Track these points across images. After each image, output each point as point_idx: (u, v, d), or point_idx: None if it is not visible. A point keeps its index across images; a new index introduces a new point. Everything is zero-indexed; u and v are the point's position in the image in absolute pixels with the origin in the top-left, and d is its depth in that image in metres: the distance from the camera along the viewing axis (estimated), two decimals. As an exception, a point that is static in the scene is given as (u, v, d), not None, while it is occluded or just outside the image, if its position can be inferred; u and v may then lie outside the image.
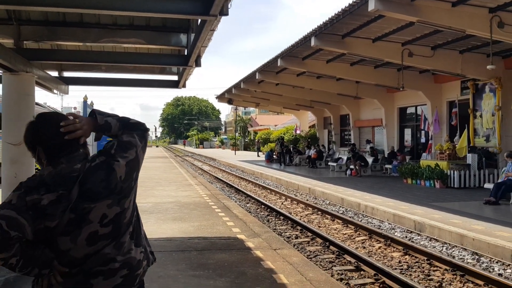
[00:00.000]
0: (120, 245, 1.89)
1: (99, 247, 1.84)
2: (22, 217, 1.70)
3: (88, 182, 1.80)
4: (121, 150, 1.89)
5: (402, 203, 11.21)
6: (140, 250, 1.98)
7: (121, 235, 1.90)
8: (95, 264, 1.83)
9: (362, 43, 14.74)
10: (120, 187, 1.86)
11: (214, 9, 3.88)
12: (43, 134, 1.88)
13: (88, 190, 1.79)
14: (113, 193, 1.84)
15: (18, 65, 6.01)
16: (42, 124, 1.90)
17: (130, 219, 1.95)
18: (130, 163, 1.89)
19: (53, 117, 1.94)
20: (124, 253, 1.90)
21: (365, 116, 25.45)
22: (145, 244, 2.05)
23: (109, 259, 1.85)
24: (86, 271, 1.82)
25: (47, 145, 1.87)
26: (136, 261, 1.94)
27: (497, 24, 11.02)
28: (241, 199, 14.63)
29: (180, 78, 8.43)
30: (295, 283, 5.00)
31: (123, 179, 1.86)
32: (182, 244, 6.87)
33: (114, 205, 1.84)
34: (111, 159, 1.86)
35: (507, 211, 10.15)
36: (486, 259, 7.01)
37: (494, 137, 15.08)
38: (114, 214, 1.85)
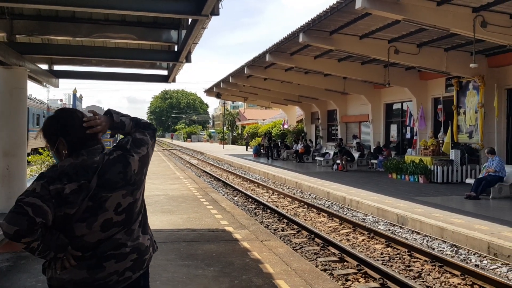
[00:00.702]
0: (131, 232, 2.08)
1: (112, 233, 2.02)
2: (46, 204, 1.87)
3: (107, 173, 1.98)
4: (135, 146, 2.10)
5: (386, 197, 11.49)
6: (147, 237, 2.16)
7: (132, 222, 2.09)
8: (107, 248, 2.01)
9: (349, 40, 14.97)
10: (134, 179, 2.05)
11: (205, 9, 4.04)
12: (70, 126, 2.03)
13: (107, 180, 1.97)
14: (128, 184, 2.03)
15: (11, 59, 6.10)
16: (68, 117, 2.05)
17: (140, 208, 2.14)
18: (142, 158, 2.10)
19: (75, 112, 2.12)
20: (133, 239, 2.08)
21: (352, 112, 25.75)
22: (150, 233, 2.24)
23: (120, 244, 2.04)
24: (99, 255, 1.99)
25: (71, 137, 2.02)
26: (144, 247, 2.13)
27: (480, 24, 11.31)
28: (229, 192, 14.82)
29: (170, 73, 8.56)
30: (280, 272, 5.21)
31: (136, 172, 2.06)
32: (171, 235, 7.04)
33: (128, 195, 2.03)
34: (127, 153, 2.05)
35: (487, 205, 10.49)
36: (464, 251, 7.30)
37: (476, 133, 15.44)
38: (128, 204, 2.04)
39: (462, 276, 6.07)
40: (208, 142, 74.24)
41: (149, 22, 6.43)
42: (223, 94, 33.52)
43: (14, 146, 6.27)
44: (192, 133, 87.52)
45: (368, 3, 10.73)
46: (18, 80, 6.37)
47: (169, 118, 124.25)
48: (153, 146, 2.24)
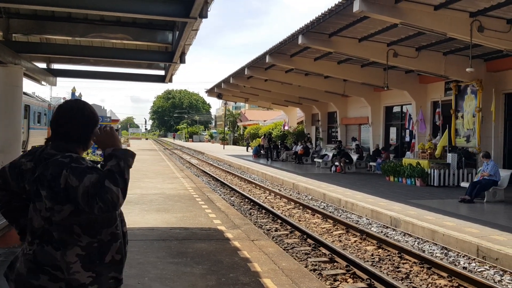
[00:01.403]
0: (66, 264, 2.00)
1: (41, 226, 2.06)
2: (9, 171, 2.16)
3: (46, 170, 2.02)
4: (79, 172, 1.98)
5: (381, 200, 11.55)
6: (88, 274, 2.03)
7: (61, 243, 2.02)
8: (46, 261, 2.02)
9: (349, 43, 15.05)
10: (57, 190, 1.99)
11: (193, 12, 4.13)
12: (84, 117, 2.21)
13: (42, 176, 2.03)
14: (49, 189, 2.00)
15: (7, 57, 6.20)
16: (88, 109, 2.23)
17: (63, 227, 2.03)
18: (69, 185, 1.97)
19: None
20: (68, 271, 2.00)
21: (352, 114, 25.81)
22: (101, 271, 2.06)
23: (57, 266, 2.00)
24: (38, 261, 2.03)
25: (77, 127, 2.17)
26: (78, 284, 2.01)
27: (477, 28, 11.38)
28: (226, 192, 14.90)
29: (166, 73, 8.67)
30: (268, 271, 5.29)
31: (62, 187, 1.98)
32: (164, 233, 7.13)
33: (47, 199, 2.01)
34: (68, 166, 1.99)
35: (480, 209, 10.54)
36: (453, 254, 7.37)
37: (474, 137, 15.49)
38: (48, 207, 2.02)
39: (449, 278, 6.14)
40: (210, 142, 74.36)
41: (144, 23, 6.53)
42: (224, 94, 33.62)
43: (9, 142, 6.38)
44: (193, 133, 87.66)
45: (366, 6, 10.82)
46: (13, 78, 6.47)
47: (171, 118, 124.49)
48: (91, 201, 1.93)
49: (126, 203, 10.41)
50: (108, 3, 4.60)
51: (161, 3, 4.54)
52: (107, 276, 2.08)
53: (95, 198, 1.91)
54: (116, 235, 2.13)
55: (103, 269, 2.07)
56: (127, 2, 4.58)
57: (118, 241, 2.13)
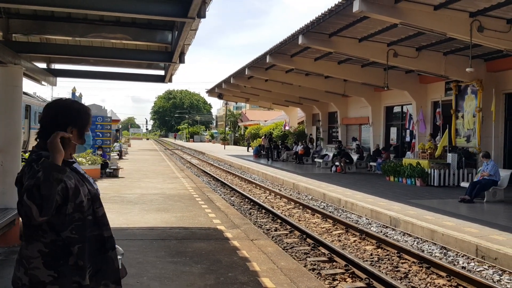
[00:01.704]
0: (21, 247, 2.08)
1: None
2: None
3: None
4: (30, 173, 1.95)
5: (381, 200, 11.55)
6: (49, 273, 1.99)
7: (24, 227, 2.05)
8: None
9: (349, 43, 15.05)
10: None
11: (191, 12, 4.15)
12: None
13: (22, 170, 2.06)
14: (18, 184, 2.02)
15: (6, 57, 6.22)
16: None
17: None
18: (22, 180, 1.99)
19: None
20: (28, 265, 2.01)
21: (353, 114, 25.82)
22: (63, 271, 2.00)
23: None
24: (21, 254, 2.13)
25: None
26: (38, 281, 1.97)
27: (477, 28, 11.37)
28: (226, 192, 14.92)
29: (166, 73, 8.69)
30: (266, 271, 5.30)
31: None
32: (163, 233, 7.15)
33: (18, 194, 1.97)
34: (29, 165, 2.01)
35: (480, 209, 10.55)
36: (453, 253, 7.38)
37: (474, 137, 15.49)
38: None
39: (447, 278, 6.15)
40: (211, 142, 74.40)
41: (143, 23, 6.55)
42: (225, 95, 33.63)
43: (9, 143, 6.39)
44: (194, 133, 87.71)
45: (365, 6, 10.82)
46: (13, 78, 6.49)
47: (172, 118, 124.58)
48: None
49: (126, 202, 10.44)
50: (107, 3, 4.62)
51: (160, 3, 4.56)
52: (71, 279, 2.00)
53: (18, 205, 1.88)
54: (71, 239, 2.02)
55: (67, 271, 1.99)
56: (126, 2, 4.59)
57: (75, 246, 2.02)
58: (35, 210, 1.82)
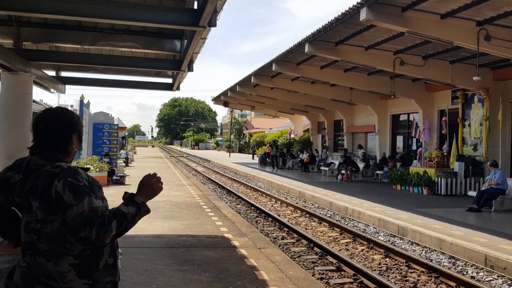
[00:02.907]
0: (59, 274, 1.98)
1: (31, 239, 2.02)
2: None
3: (38, 179, 1.99)
4: (78, 191, 1.96)
5: (388, 208, 11.50)
6: (84, 282, 2.01)
7: (54, 254, 1.99)
8: (39, 271, 1.99)
9: (355, 51, 15.09)
10: (49, 199, 1.97)
11: (202, 21, 4.18)
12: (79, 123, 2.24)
13: (34, 186, 1.99)
14: (41, 199, 1.97)
15: (17, 65, 6.28)
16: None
17: (54, 238, 2.00)
18: (60, 197, 1.95)
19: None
20: (62, 280, 1.98)
21: (359, 122, 25.80)
22: (97, 277, 2.05)
23: (50, 276, 1.98)
24: (33, 271, 2.00)
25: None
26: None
27: (484, 37, 11.38)
28: (232, 200, 14.90)
29: (174, 81, 8.73)
30: (275, 280, 5.28)
31: (53, 197, 1.96)
32: (171, 241, 7.15)
33: (39, 210, 1.98)
34: (60, 178, 1.97)
35: (488, 218, 10.47)
36: (461, 263, 7.32)
37: (481, 146, 15.43)
38: (40, 218, 1.99)
39: (457, 287, 6.10)
40: (216, 150, 74.43)
41: (153, 32, 6.60)
42: (231, 102, 33.72)
43: (19, 149, 6.43)
44: (199, 141, 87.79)
45: (372, 15, 10.86)
46: (23, 86, 6.55)
47: (177, 126, 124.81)
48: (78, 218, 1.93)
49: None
50: (118, 12, 4.66)
51: (170, 12, 4.60)
52: (104, 281, 2.06)
53: (88, 225, 1.92)
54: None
55: (99, 275, 2.04)
56: (137, 11, 4.64)
57: (108, 244, 2.08)
58: (113, 238, 2.00)
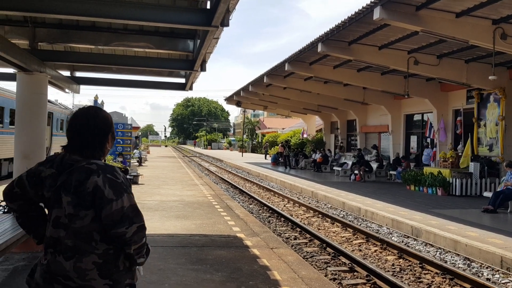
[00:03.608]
0: (80, 270, 2.00)
1: (58, 235, 2.04)
2: (27, 180, 2.14)
3: (72, 175, 2.04)
4: (117, 187, 2.03)
5: (402, 209, 11.41)
6: (104, 282, 2.03)
7: (76, 250, 2.02)
8: (58, 270, 2.02)
9: (369, 50, 14.98)
10: (83, 194, 2.01)
11: (215, 21, 4.19)
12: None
13: (68, 181, 2.04)
14: (74, 194, 2.02)
15: (32, 65, 6.35)
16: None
17: (82, 234, 2.03)
18: (99, 193, 2.00)
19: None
20: (82, 278, 2.00)
21: (372, 122, 25.63)
22: (118, 278, 2.07)
23: (67, 276, 2.00)
24: (52, 271, 2.04)
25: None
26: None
27: (500, 36, 11.21)
28: (245, 200, 14.90)
29: (187, 81, 8.76)
30: (287, 280, 5.26)
31: (89, 191, 2.01)
32: (184, 240, 7.17)
33: (71, 205, 2.02)
34: (98, 173, 2.02)
35: (504, 219, 10.33)
36: (476, 264, 7.23)
37: (497, 146, 15.22)
38: (69, 213, 2.03)
39: (472, 290, 6.02)
40: (228, 149, 74.57)
41: (166, 32, 6.63)
42: (243, 102, 33.73)
43: (34, 149, 6.51)
44: (212, 141, 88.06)
45: (386, 14, 10.77)
46: (39, 86, 6.62)
47: (190, 126, 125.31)
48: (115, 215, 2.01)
49: (147, 209, 10.52)
50: (131, 12, 4.69)
51: (183, 12, 4.61)
52: (124, 283, 2.09)
53: (127, 222, 2.01)
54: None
55: (120, 277, 2.07)
56: (150, 11, 4.66)
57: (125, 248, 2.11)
58: (138, 246, 2.11)
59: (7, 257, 5.87)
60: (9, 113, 16.86)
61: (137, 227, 2.04)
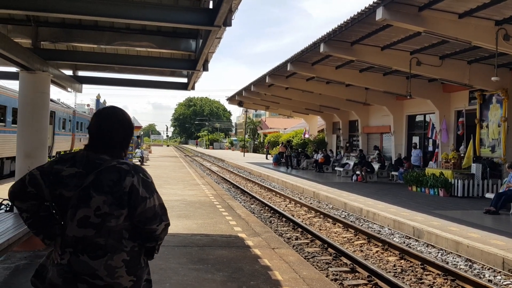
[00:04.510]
0: (110, 267, 2.03)
1: (85, 234, 2.03)
2: (42, 178, 2.09)
3: (102, 174, 2.05)
4: (149, 186, 2.15)
5: (403, 210, 11.39)
6: (130, 278, 2.08)
7: (109, 249, 2.05)
8: (83, 270, 2.02)
9: (371, 51, 14.95)
10: (120, 194, 2.05)
11: (218, 20, 4.19)
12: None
13: (99, 181, 2.04)
14: (110, 194, 2.04)
15: (35, 64, 6.36)
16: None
17: (120, 236, 2.08)
18: (135, 192, 2.08)
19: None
20: (111, 275, 2.03)
21: (374, 123, 25.59)
22: (141, 275, 2.14)
23: (95, 275, 2.01)
24: (75, 270, 2.02)
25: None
26: (121, 287, 2.06)
27: (502, 37, 11.19)
28: (246, 200, 14.91)
29: (189, 80, 8.76)
30: (288, 280, 5.26)
31: (125, 191, 2.05)
32: (185, 240, 7.17)
33: (107, 204, 2.03)
34: (132, 173, 2.09)
35: (506, 221, 10.31)
36: (478, 266, 7.21)
37: (499, 147, 15.18)
38: (104, 212, 2.04)
39: (474, 291, 6.01)
40: (230, 149, 74.60)
41: (168, 32, 6.63)
42: (245, 102, 33.73)
43: (36, 148, 6.52)
44: (214, 140, 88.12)
45: (388, 14, 10.75)
46: (41, 85, 6.63)
47: (192, 125, 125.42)
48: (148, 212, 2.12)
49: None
50: (134, 12, 4.69)
51: (186, 12, 4.61)
52: (144, 278, 2.17)
53: (158, 219, 2.14)
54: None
55: (142, 273, 2.15)
56: (153, 10, 4.66)
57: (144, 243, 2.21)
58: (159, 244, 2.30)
59: (9, 256, 5.88)
60: (11, 112, 16.89)
61: (165, 225, 2.18)
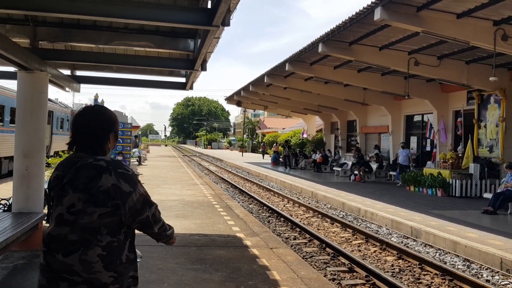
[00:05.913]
0: (86, 263, 2.01)
1: (61, 232, 2.04)
2: (47, 189, 2.26)
3: (79, 172, 2.07)
4: (130, 179, 2.12)
5: (401, 210, 11.41)
6: (109, 274, 2.04)
7: (83, 243, 2.02)
8: (62, 269, 2.02)
9: (369, 51, 14.96)
10: (95, 192, 2.04)
11: (216, 20, 4.19)
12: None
13: (75, 179, 2.07)
14: (85, 191, 2.04)
15: (33, 64, 6.34)
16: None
17: (88, 229, 2.04)
18: (117, 189, 2.06)
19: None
20: (88, 271, 2.01)
21: (372, 123, 25.61)
22: (122, 270, 2.09)
23: (72, 271, 2.00)
24: (55, 268, 2.04)
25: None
26: (100, 283, 2.03)
27: (501, 37, 11.20)
28: (244, 199, 14.91)
29: (188, 80, 8.76)
30: (286, 280, 5.27)
31: (102, 190, 2.04)
32: (183, 240, 7.17)
33: (81, 201, 2.04)
34: (109, 170, 2.06)
35: (504, 221, 10.33)
36: (476, 266, 7.23)
37: (497, 147, 15.21)
38: (78, 209, 2.04)
39: (471, 291, 6.02)
40: (228, 149, 74.59)
41: (167, 31, 6.63)
42: (244, 102, 33.71)
43: (34, 148, 6.50)
44: (212, 140, 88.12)
45: (387, 14, 10.76)
46: (39, 85, 6.62)
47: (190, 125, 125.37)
48: (136, 210, 2.13)
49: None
50: (132, 11, 4.68)
51: (184, 11, 4.61)
52: (127, 275, 2.12)
53: (147, 205, 2.17)
54: (127, 233, 2.17)
55: (124, 269, 2.10)
56: (151, 10, 4.65)
57: (128, 240, 2.17)
58: (160, 226, 2.28)
59: (7, 255, 5.87)
60: (9, 111, 16.87)
61: (154, 208, 2.21)
